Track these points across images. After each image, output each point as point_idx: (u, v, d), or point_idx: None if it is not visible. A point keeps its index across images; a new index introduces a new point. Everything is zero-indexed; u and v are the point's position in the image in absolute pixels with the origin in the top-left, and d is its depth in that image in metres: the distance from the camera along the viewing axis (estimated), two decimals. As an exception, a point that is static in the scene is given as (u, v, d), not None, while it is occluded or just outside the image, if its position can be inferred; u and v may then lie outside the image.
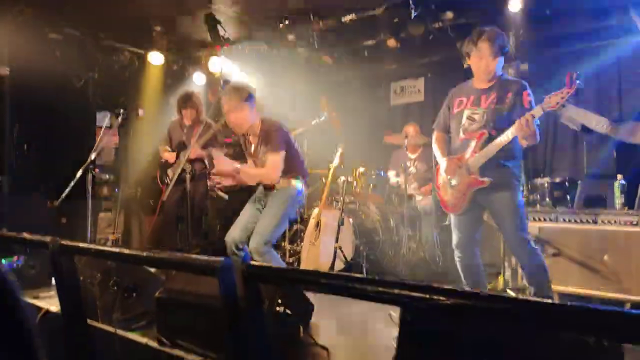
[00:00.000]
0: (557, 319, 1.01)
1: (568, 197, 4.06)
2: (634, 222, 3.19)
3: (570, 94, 2.53)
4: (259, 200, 3.30)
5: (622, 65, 4.62)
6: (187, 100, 4.71)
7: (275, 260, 3.10)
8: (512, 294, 3.69)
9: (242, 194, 6.14)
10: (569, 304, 1.00)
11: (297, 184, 3.22)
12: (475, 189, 2.82)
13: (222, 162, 3.16)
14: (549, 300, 1.08)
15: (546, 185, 4.10)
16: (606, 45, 4.65)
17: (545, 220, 3.57)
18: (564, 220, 3.49)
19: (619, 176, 3.44)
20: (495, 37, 2.77)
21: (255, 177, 3.25)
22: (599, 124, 4.52)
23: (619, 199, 3.37)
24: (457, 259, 3.01)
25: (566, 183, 4.11)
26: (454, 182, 2.91)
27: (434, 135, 3.15)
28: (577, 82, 2.51)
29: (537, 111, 2.61)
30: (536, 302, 1.13)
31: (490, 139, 2.77)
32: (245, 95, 3.09)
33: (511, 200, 2.77)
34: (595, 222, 3.35)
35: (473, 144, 2.83)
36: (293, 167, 3.20)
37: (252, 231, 3.10)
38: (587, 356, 1.02)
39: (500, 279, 3.95)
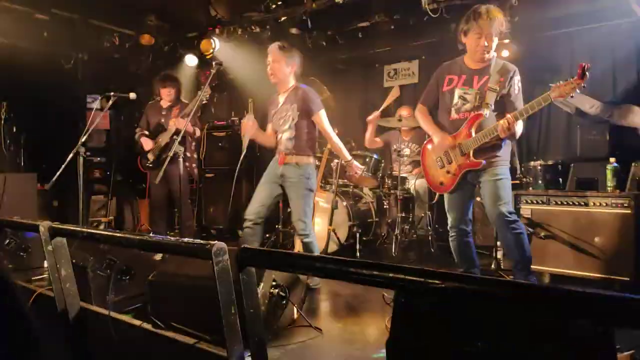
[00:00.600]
0: (550, 302, 1.02)
1: (560, 179, 4.08)
2: (625, 205, 3.22)
3: (581, 85, 2.48)
4: (273, 178, 3.40)
5: (616, 48, 4.60)
6: (166, 79, 4.67)
7: (315, 239, 3.39)
8: (503, 275, 3.73)
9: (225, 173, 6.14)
10: (560, 287, 1.01)
11: (309, 160, 3.38)
12: (468, 169, 2.84)
13: (354, 168, 3.51)
14: (538, 284, 1.08)
15: (539, 168, 4.11)
16: (600, 27, 4.63)
17: (538, 202, 3.59)
18: (557, 202, 3.51)
19: (612, 159, 3.46)
20: (495, 15, 2.73)
21: (341, 147, 3.46)
22: (592, 106, 4.52)
23: (610, 182, 3.40)
24: (450, 238, 3.04)
25: (559, 166, 4.13)
26: (445, 161, 2.92)
27: (419, 108, 3.11)
28: (588, 74, 2.45)
29: (542, 101, 2.56)
30: (528, 285, 1.14)
31: (485, 121, 2.78)
32: (288, 54, 3.33)
33: (493, 172, 2.81)
34: (587, 205, 3.37)
35: (468, 124, 2.82)
36: (312, 144, 3.40)
37: (268, 207, 3.37)
38: (578, 338, 1.03)
39: (493, 260, 3.99)
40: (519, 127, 2.75)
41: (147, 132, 4.68)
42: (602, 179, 3.70)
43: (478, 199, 3.50)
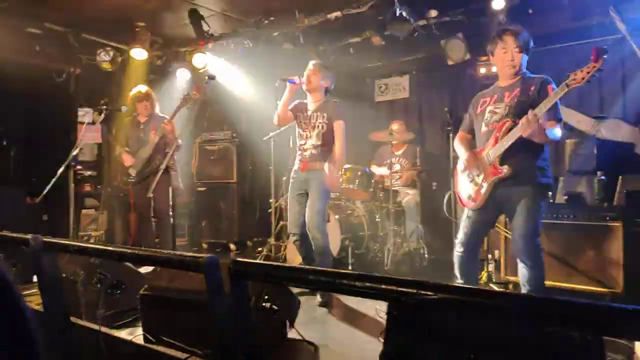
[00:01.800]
0: (541, 312, 1.03)
1: (550, 193, 4.13)
2: (614, 217, 3.26)
3: (597, 68, 2.41)
4: (300, 186, 3.61)
5: (603, 64, 4.70)
6: (143, 96, 4.64)
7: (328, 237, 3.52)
8: (495, 287, 3.75)
9: (217, 187, 6.13)
10: (552, 298, 1.02)
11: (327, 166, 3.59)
12: (495, 180, 2.68)
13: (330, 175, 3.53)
14: (532, 294, 1.10)
15: (528, 181, 4.15)
16: (586, 44, 4.73)
17: (527, 216, 3.62)
18: (546, 215, 3.54)
19: (599, 172, 3.51)
20: (520, 31, 2.73)
21: (340, 160, 3.61)
22: (580, 121, 4.60)
23: (599, 195, 3.44)
24: (457, 254, 2.89)
25: (548, 179, 4.17)
26: (475, 173, 2.80)
27: (458, 135, 3.05)
28: (605, 57, 2.37)
29: (561, 89, 2.48)
30: (519, 296, 1.15)
31: (512, 127, 2.65)
32: (326, 71, 3.68)
33: (531, 196, 2.62)
34: (576, 218, 3.41)
35: (495, 133, 2.72)
36: (330, 152, 3.58)
37: (303, 214, 3.55)
38: (569, 348, 1.04)
39: (484, 272, 4.01)
40: (558, 130, 2.62)
41: (127, 149, 4.65)
42: (590, 192, 3.75)
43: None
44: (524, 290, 2.71)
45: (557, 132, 2.63)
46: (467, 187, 2.85)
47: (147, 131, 4.57)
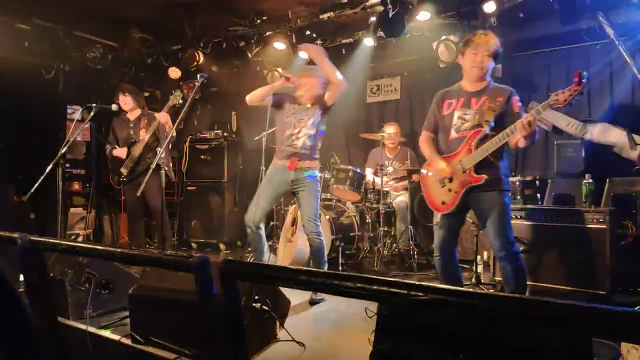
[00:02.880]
0: (529, 313, 1.04)
1: (538, 195, 4.18)
2: (601, 220, 3.30)
3: (579, 92, 2.48)
4: (280, 186, 3.49)
5: (591, 68, 4.76)
6: (121, 88, 4.66)
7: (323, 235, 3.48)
8: (483, 289, 3.77)
9: (207, 186, 6.11)
10: (540, 299, 1.03)
11: (318, 166, 3.57)
12: (469, 187, 2.79)
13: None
14: (520, 295, 1.11)
15: (517, 183, 4.20)
16: (576, 48, 4.79)
17: (516, 217, 3.66)
18: (534, 217, 3.58)
19: (587, 175, 3.55)
20: (493, 37, 2.80)
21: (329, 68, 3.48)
22: (569, 124, 4.66)
23: (586, 197, 3.48)
24: (436, 259, 2.98)
25: (537, 182, 4.22)
26: (445, 181, 2.87)
27: (423, 136, 3.10)
28: (584, 80, 2.45)
29: (541, 109, 2.56)
30: (508, 298, 1.16)
31: (486, 137, 2.74)
32: (322, 75, 3.52)
33: (500, 200, 2.75)
34: (564, 220, 3.45)
35: (468, 141, 2.78)
36: (317, 150, 3.53)
37: (268, 212, 3.52)
38: (557, 348, 1.05)
39: (472, 274, 4.03)
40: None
41: (117, 147, 4.62)
42: (578, 194, 3.79)
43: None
44: (507, 288, 2.80)
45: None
46: (440, 192, 2.92)
47: (136, 129, 4.55)
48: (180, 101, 4.30)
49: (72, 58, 5.60)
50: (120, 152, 4.55)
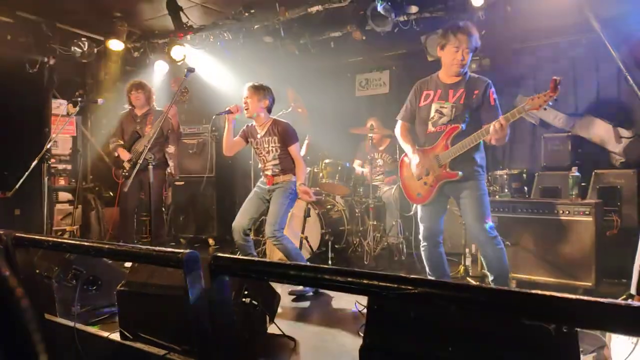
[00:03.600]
0: (517, 306, 1.05)
1: (526, 188, 4.21)
2: (587, 212, 3.35)
3: (554, 98, 2.56)
4: (262, 194, 3.67)
5: (577, 62, 4.81)
6: (135, 84, 4.65)
7: (287, 240, 3.55)
8: (472, 281, 3.81)
9: (196, 182, 6.08)
10: (527, 291, 1.04)
11: (293, 178, 3.65)
12: (445, 181, 2.86)
13: (303, 191, 3.58)
14: (508, 288, 1.12)
15: (505, 177, 4.23)
16: (562, 42, 4.83)
17: (504, 210, 3.69)
18: (522, 210, 3.62)
19: (574, 168, 3.59)
20: (473, 32, 2.81)
21: (303, 174, 3.67)
22: (556, 118, 4.70)
23: (572, 190, 3.52)
24: (422, 249, 3.06)
25: (524, 175, 4.26)
26: (423, 174, 2.93)
27: (399, 125, 3.15)
28: (559, 87, 2.54)
29: (517, 112, 2.63)
30: (496, 290, 1.17)
31: (461, 133, 2.80)
32: (262, 92, 3.64)
33: (476, 188, 2.83)
34: (550, 213, 3.49)
35: (445, 137, 2.84)
36: (291, 165, 3.65)
37: (255, 220, 3.68)
38: (544, 340, 1.06)
39: (461, 267, 4.07)
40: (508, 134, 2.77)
41: (122, 142, 4.61)
42: (564, 187, 3.84)
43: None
44: (491, 273, 2.85)
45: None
46: (416, 185, 3.00)
47: (143, 125, 4.53)
48: (185, 97, 4.32)
49: (57, 52, 5.51)
50: (124, 153, 4.55)
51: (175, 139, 4.70)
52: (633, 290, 2.33)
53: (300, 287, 3.46)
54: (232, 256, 1.65)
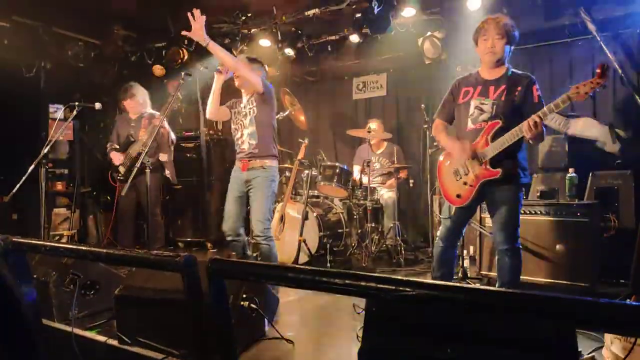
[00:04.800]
0: (515, 307, 1.05)
1: (523, 189, 4.22)
2: (584, 213, 3.35)
3: (601, 84, 2.42)
4: (239, 187, 3.44)
5: (573, 63, 4.83)
6: (126, 91, 4.64)
7: (274, 245, 3.40)
8: (470, 283, 3.81)
9: (193, 185, 6.07)
10: (525, 292, 1.04)
11: (274, 163, 3.44)
12: (485, 180, 2.71)
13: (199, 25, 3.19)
14: (505, 289, 1.12)
15: (503, 178, 4.24)
16: (559, 44, 4.85)
17: (502, 212, 3.69)
18: (520, 212, 3.62)
19: (571, 169, 3.60)
20: (502, 19, 2.72)
21: (229, 61, 3.32)
22: (553, 119, 4.71)
23: (569, 191, 3.53)
24: (438, 248, 2.94)
25: (521, 176, 4.26)
26: (462, 173, 2.80)
27: (435, 124, 3.00)
28: (607, 73, 2.39)
29: (562, 101, 2.48)
30: (494, 291, 1.17)
31: (502, 129, 2.66)
32: (256, 64, 3.53)
33: (514, 194, 2.71)
34: (548, 214, 3.49)
35: (485, 133, 2.71)
36: (273, 148, 3.43)
37: (243, 216, 3.45)
38: (542, 340, 1.07)
39: (459, 268, 4.07)
40: (544, 132, 2.63)
41: (117, 146, 4.61)
42: (561, 188, 3.84)
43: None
44: (499, 281, 2.78)
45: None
46: (455, 185, 2.84)
47: (137, 129, 4.53)
48: (179, 104, 4.30)
49: (54, 56, 5.51)
50: (116, 157, 4.55)
51: (166, 146, 4.62)
52: (631, 290, 2.34)
53: None
54: (230, 259, 1.65)
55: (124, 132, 4.65)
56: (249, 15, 5.09)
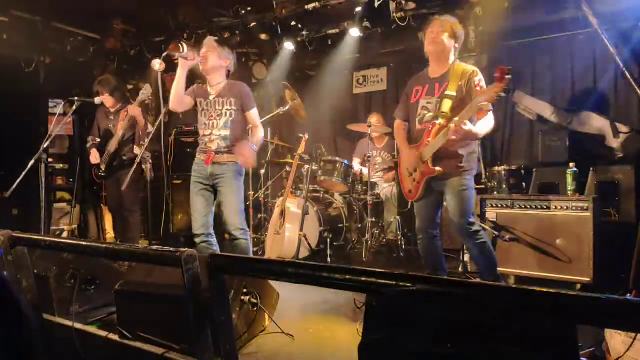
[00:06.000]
0: (515, 302, 1.05)
1: (524, 184, 4.22)
2: (585, 208, 3.35)
3: (502, 89, 2.50)
4: (204, 185, 3.26)
5: (575, 57, 4.80)
6: (97, 86, 4.57)
7: (249, 239, 3.31)
8: (470, 278, 3.81)
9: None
10: (526, 288, 1.04)
11: (239, 160, 3.25)
12: (428, 177, 2.90)
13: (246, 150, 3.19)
14: (506, 285, 1.12)
15: (503, 173, 4.24)
16: (560, 37, 4.82)
17: (502, 206, 3.69)
18: (520, 206, 3.62)
19: (571, 164, 3.59)
20: (446, 17, 2.87)
21: (259, 140, 3.31)
22: (553, 114, 4.70)
23: (571, 186, 3.52)
24: (418, 242, 3.11)
25: (522, 171, 4.26)
26: (411, 171, 2.99)
27: (395, 124, 3.20)
28: (508, 77, 2.44)
29: (466, 112, 2.63)
30: (494, 287, 1.17)
31: (443, 129, 2.78)
32: (224, 48, 3.31)
33: (458, 184, 2.84)
34: (548, 208, 3.49)
35: (426, 134, 2.87)
36: (239, 139, 3.27)
37: (211, 214, 3.28)
38: (543, 336, 1.06)
39: (459, 263, 4.08)
40: (481, 127, 2.76)
41: (98, 140, 4.58)
42: (562, 183, 3.84)
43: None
44: (479, 267, 2.96)
45: (485, 127, 2.79)
46: (407, 181, 3.05)
47: (116, 122, 4.50)
48: (150, 97, 4.23)
49: (53, 50, 5.49)
50: (94, 155, 4.50)
51: (141, 139, 4.46)
52: (631, 286, 2.34)
53: None
54: (230, 255, 1.65)
55: (102, 125, 4.62)
56: (249, 9, 5.06)
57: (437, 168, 2.82)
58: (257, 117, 3.33)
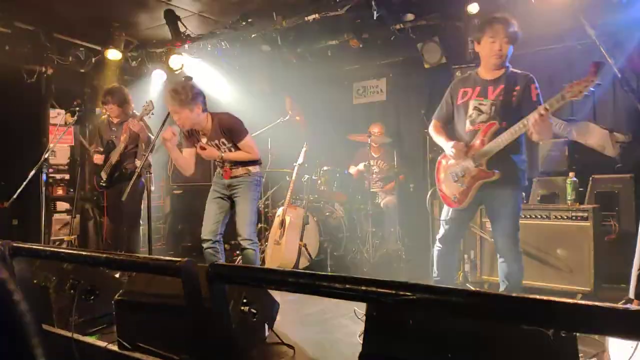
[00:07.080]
0: (516, 311, 1.05)
1: (523, 194, 4.21)
2: (585, 217, 3.35)
3: (595, 82, 2.35)
4: (221, 194, 3.42)
5: (573, 68, 4.83)
6: (106, 95, 4.51)
7: (258, 250, 3.39)
8: (471, 287, 3.80)
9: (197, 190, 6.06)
10: (526, 296, 1.04)
11: (257, 168, 3.43)
12: (482, 182, 2.67)
13: (209, 151, 3.31)
14: (507, 293, 1.12)
15: (503, 182, 4.23)
16: (558, 48, 4.86)
17: (502, 216, 3.68)
18: (520, 216, 3.61)
19: (571, 174, 3.60)
20: (510, 21, 2.67)
21: (240, 158, 3.36)
22: (554, 124, 4.71)
23: (570, 196, 3.53)
24: (436, 251, 2.91)
25: (522, 181, 4.26)
26: (460, 174, 2.74)
27: (432, 124, 2.95)
28: (601, 71, 2.34)
29: (555, 101, 2.44)
30: (495, 295, 1.17)
31: (500, 131, 2.62)
32: (185, 99, 3.15)
33: (514, 198, 2.67)
34: (549, 218, 3.49)
35: (481, 134, 2.67)
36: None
37: (223, 222, 3.40)
38: (543, 345, 1.06)
39: (460, 273, 4.06)
40: (552, 125, 2.66)
41: (101, 149, 4.57)
42: (562, 192, 3.84)
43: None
44: (502, 286, 2.74)
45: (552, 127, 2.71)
46: (452, 187, 2.80)
47: (118, 134, 4.49)
48: (153, 113, 4.17)
49: (54, 61, 5.53)
50: (98, 158, 4.50)
51: (142, 151, 4.40)
52: (631, 295, 2.33)
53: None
54: (230, 264, 1.65)
55: (105, 136, 4.57)
56: (249, 20, 5.10)
57: (496, 171, 2.61)
58: (250, 144, 3.33)
